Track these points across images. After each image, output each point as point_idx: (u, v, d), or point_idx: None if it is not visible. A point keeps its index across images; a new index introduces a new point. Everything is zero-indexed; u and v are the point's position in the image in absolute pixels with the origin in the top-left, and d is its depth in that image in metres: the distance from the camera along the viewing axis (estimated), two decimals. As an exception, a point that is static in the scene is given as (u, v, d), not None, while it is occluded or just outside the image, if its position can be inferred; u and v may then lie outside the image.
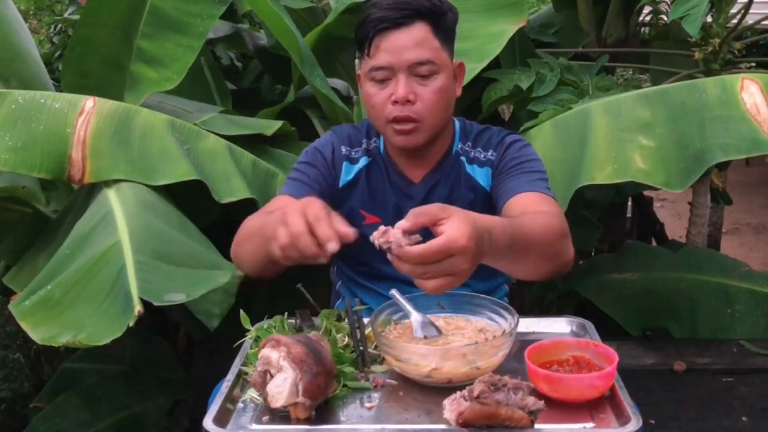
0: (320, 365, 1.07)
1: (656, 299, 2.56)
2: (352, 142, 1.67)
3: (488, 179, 1.62)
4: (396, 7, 1.48)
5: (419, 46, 1.48)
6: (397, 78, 1.49)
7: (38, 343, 1.49)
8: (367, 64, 1.52)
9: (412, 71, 1.49)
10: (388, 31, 1.48)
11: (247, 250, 1.46)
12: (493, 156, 1.62)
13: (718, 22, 2.54)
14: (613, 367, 1.10)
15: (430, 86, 1.50)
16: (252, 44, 3.26)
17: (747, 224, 5.83)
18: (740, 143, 1.90)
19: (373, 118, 1.58)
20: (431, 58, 1.49)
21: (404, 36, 1.48)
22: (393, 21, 1.47)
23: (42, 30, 4.67)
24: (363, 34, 1.51)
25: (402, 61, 1.48)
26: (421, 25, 1.49)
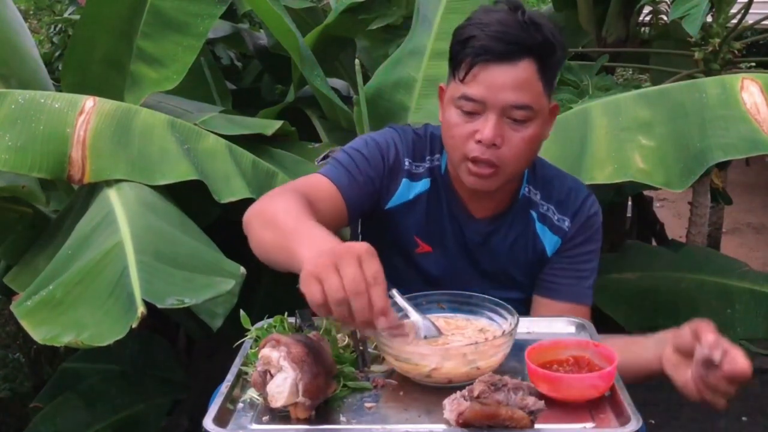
0: (320, 365, 1.07)
1: (656, 299, 2.55)
2: (415, 154, 1.50)
3: (554, 247, 1.51)
4: (504, 39, 1.30)
5: (520, 88, 1.32)
6: (487, 116, 1.33)
7: (38, 343, 1.50)
8: (458, 89, 1.36)
9: (506, 112, 1.33)
10: (490, 63, 1.31)
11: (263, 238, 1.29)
12: (567, 226, 1.50)
13: (718, 22, 2.54)
14: (613, 367, 1.10)
15: (522, 132, 1.35)
16: (252, 44, 3.26)
17: (747, 224, 5.82)
18: (740, 143, 1.91)
19: (450, 147, 1.42)
20: (530, 102, 1.33)
21: (507, 73, 1.31)
22: (498, 54, 1.30)
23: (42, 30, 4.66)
24: (460, 56, 1.34)
25: (498, 100, 1.32)
26: (527, 63, 1.32)
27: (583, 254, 1.51)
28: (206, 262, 1.73)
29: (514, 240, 1.51)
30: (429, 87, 2.37)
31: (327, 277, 1.02)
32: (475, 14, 1.37)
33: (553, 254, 1.51)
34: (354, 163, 1.46)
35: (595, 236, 1.52)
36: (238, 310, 1.35)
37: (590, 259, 1.52)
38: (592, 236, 1.52)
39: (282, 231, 1.22)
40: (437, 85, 1.52)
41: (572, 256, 1.50)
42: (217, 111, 2.47)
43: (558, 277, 1.50)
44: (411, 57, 2.44)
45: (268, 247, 1.28)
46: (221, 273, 1.68)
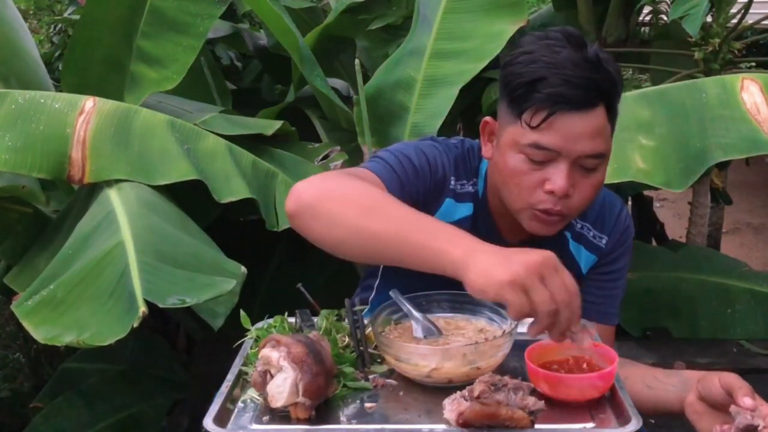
0: (320, 365, 1.07)
1: (656, 299, 2.56)
2: (459, 173, 1.41)
3: (589, 264, 1.45)
4: (582, 85, 1.21)
5: (597, 137, 1.23)
6: (559, 165, 1.24)
7: (38, 343, 1.50)
8: (527, 135, 1.24)
9: (579, 161, 1.25)
10: (567, 111, 1.21)
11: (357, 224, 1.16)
12: (604, 243, 1.44)
13: (718, 22, 2.54)
14: (613, 367, 1.10)
15: (592, 179, 1.27)
16: (252, 44, 3.26)
17: (747, 224, 5.82)
18: (740, 143, 1.91)
19: (513, 193, 1.30)
20: (604, 150, 1.26)
21: (585, 122, 1.22)
22: (577, 103, 1.21)
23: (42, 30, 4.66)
24: (530, 100, 1.23)
25: (575, 150, 1.23)
26: (601, 109, 1.23)
27: (614, 271, 1.47)
28: (207, 261, 1.73)
29: None
30: (429, 87, 2.37)
31: (535, 288, 1.02)
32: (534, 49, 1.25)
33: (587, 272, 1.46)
34: (403, 168, 1.35)
35: (628, 250, 1.48)
36: (239, 310, 1.35)
37: (620, 276, 1.48)
38: (625, 251, 1.48)
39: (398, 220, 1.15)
40: (437, 85, 1.49)
41: (604, 273, 1.46)
42: (217, 111, 2.47)
43: (588, 295, 1.43)
44: (411, 57, 2.44)
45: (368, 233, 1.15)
46: (222, 272, 1.68)
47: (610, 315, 1.47)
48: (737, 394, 1.11)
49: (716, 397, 1.15)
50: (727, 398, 1.13)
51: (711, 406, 1.17)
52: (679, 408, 1.23)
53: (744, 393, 1.10)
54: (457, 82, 2.31)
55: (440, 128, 2.31)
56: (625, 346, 2.48)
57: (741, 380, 1.14)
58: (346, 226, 1.17)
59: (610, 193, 1.50)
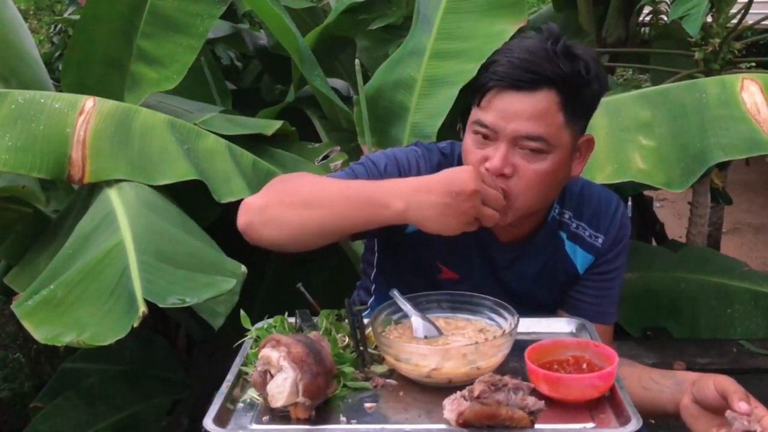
0: (320, 365, 1.07)
1: (656, 299, 2.56)
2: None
3: (586, 264, 1.46)
4: (524, 66, 1.24)
5: (535, 119, 1.25)
6: (498, 145, 1.28)
7: (38, 343, 1.50)
8: (475, 113, 1.31)
9: (518, 142, 1.27)
10: (506, 90, 1.26)
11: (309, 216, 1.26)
12: (600, 243, 1.44)
13: (718, 22, 2.54)
14: (613, 367, 1.10)
15: (535, 165, 1.28)
16: (252, 44, 3.26)
17: (747, 224, 5.82)
18: (740, 143, 1.91)
19: None
20: (544, 134, 1.26)
21: (522, 102, 1.25)
22: (513, 81, 1.25)
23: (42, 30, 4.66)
24: (480, 80, 1.30)
25: (509, 129, 1.26)
26: (547, 94, 1.25)
27: (611, 271, 1.47)
28: (207, 261, 1.73)
29: (543, 264, 1.46)
30: (429, 87, 2.37)
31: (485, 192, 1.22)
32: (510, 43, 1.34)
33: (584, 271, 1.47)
34: (368, 176, 1.38)
35: (624, 249, 1.48)
36: (239, 310, 1.35)
37: (617, 276, 1.48)
38: (622, 250, 1.47)
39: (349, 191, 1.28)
40: (437, 85, 1.50)
41: (601, 273, 1.46)
42: (217, 111, 2.47)
43: (585, 295, 1.46)
44: (411, 57, 2.44)
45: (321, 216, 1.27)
46: (222, 272, 1.68)
47: (608, 315, 1.47)
48: (732, 398, 1.11)
49: (711, 400, 1.15)
50: (721, 401, 1.13)
51: (706, 409, 1.17)
52: (674, 409, 1.23)
53: (739, 397, 1.10)
54: (457, 82, 2.31)
55: (440, 128, 2.31)
56: (625, 346, 2.48)
57: (735, 384, 1.14)
58: (291, 224, 1.28)
59: (606, 191, 1.50)
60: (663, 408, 1.27)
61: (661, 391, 1.27)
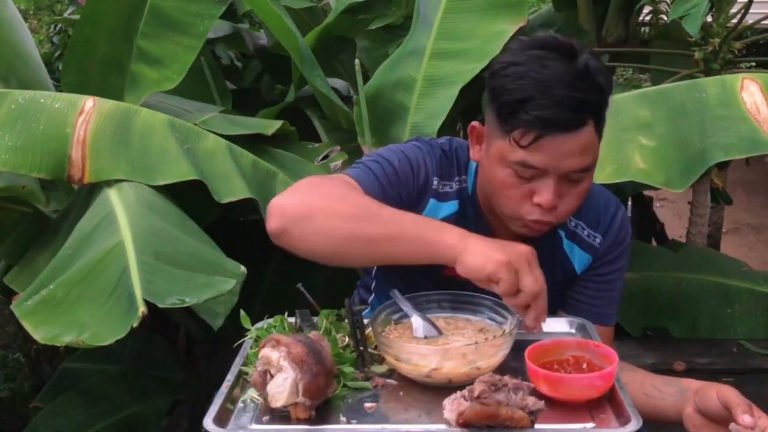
0: (320, 365, 1.07)
1: (656, 299, 2.56)
2: (443, 173, 1.42)
3: (584, 265, 1.46)
4: (571, 106, 1.20)
5: (584, 153, 1.24)
6: (546, 180, 1.25)
7: (38, 343, 1.49)
8: (516, 153, 1.24)
9: (567, 176, 1.26)
10: (558, 134, 1.21)
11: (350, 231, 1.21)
12: (599, 243, 1.44)
13: (718, 22, 2.54)
14: (613, 367, 1.10)
15: (578, 188, 1.29)
16: (252, 44, 3.26)
17: (747, 224, 5.82)
18: (740, 143, 1.91)
19: (501, 204, 1.32)
20: (592, 164, 1.27)
21: (573, 142, 1.22)
22: (565, 125, 1.21)
23: (42, 30, 4.66)
24: (519, 120, 1.21)
25: (563, 167, 1.24)
26: (590, 126, 1.24)
27: (612, 272, 1.47)
28: (207, 261, 1.73)
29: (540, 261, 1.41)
30: (429, 87, 2.37)
31: (525, 271, 1.16)
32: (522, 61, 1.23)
33: (582, 272, 1.47)
34: (385, 173, 1.36)
35: (625, 252, 1.48)
36: (239, 310, 1.35)
37: (618, 278, 1.48)
38: (622, 253, 1.47)
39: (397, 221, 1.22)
40: (437, 85, 1.49)
41: (601, 275, 1.46)
42: (217, 111, 2.47)
43: (585, 296, 1.47)
44: (411, 57, 2.44)
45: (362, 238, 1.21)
46: (222, 272, 1.68)
47: (609, 316, 1.47)
48: (736, 411, 1.10)
49: (713, 410, 1.15)
50: (724, 412, 1.13)
51: (709, 419, 1.17)
52: (677, 418, 1.23)
53: (743, 410, 1.10)
54: (457, 82, 2.31)
55: (440, 128, 2.31)
56: (625, 346, 2.48)
57: (738, 395, 1.13)
58: (338, 236, 1.22)
59: (608, 193, 1.50)
60: (666, 416, 1.26)
61: (663, 399, 1.26)
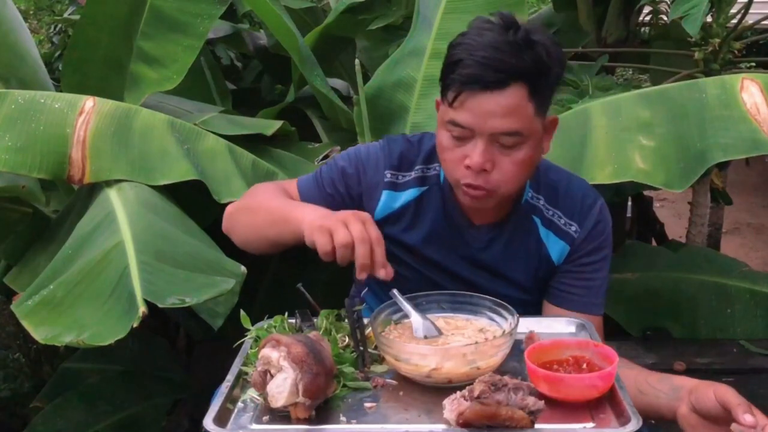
0: (320, 365, 1.07)
1: (656, 299, 2.55)
2: (401, 164, 1.50)
3: (562, 255, 1.48)
4: (493, 66, 1.26)
5: (509, 115, 1.28)
6: (476, 142, 1.31)
7: (38, 343, 1.49)
8: (447, 112, 1.33)
9: (495, 139, 1.30)
10: (477, 91, 1.27)
11: (252, 221, 1.47)
12: (575, 231, 1.47)
13: (718, 22, 2.54)
14: (613, 367, 1.10)
15: (512, 157, 1.32)
16: (252, 44, 3.26)
17: (747, 224, 5.82)
18: (740, 143, 1.90)
19: (445, 169, 1.42)
20: (519, 129, 1.30)
21: (494, 101, 1.27)
22: (485, 83, 1.26)
23: (42, 30, 4.67)
24: (449, 79, 1.31)
25: (485, 128, 1.29)
26: (517, 88, 1.27)
27: (593, 263, 1.49)
28: (207, 261, 1.73)
29: (517, 246, 1.49)
30: (429, 87, 2.37)
31: (336, 229, 1.22)
32: (468, 32, 1.32)
33: (562, 262, 1.49)
34: (330, 176, 1.53)
35: (605, 243, 1.49)
36: (239, 310, 1.35)
37: (601, 268, 1.49)
38: (602, 243, 1.49)
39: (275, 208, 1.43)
40: (437, 85, 1.51)
41: (583, 265, 1.48)
42: (217, 111, 2.47)
43: (569, 287, 1.48)
44: (411, 57, 2.44)
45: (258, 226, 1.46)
46: (222, 272, 1.68)
47: (595, 305, 1.49)
48: (737, 411, 1.09)
49: (711, 410, 1.14)
50: (722, 411, 1.12)
51: (705, 419, 1.16)
52: (670, 416, 1.23)
53: (743, 410, 1.09)
54: (457, 82, 2.31)
55: (440, 128, 2.31)
56: (625, 346, 2.48)
57: (737, 395, 1.12)
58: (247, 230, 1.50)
59: (587, 187, 1.54)
60: (659, 413, 1.26)
61: (657, 397, 1.26)
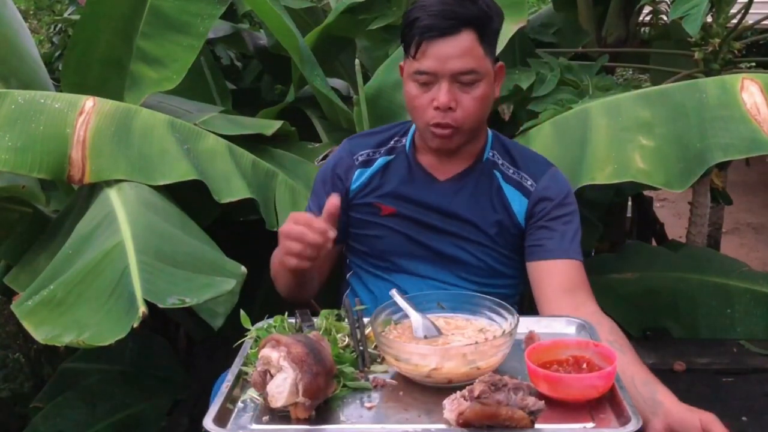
0: (320, 365, 1.07)
1: (656, 299, 2.55)
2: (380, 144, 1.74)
3: (522, 209, 1.65)
4: (443, 15, 1.49)
5: (464, 56, 1.51)
6: (440, 85, 1.53)
7: (38, 343, 1.49)
8: (412, 65, 1.55)
9: (455, 79, 1.52)
10: (434, 39, 1.50)
11: (279, 284, 1.68)
12: (531, 185, 1.65)
13: (718, 22, 2.53)
14: (613, 367, 1.10)
15: (472, 94, 1.54)
16: (252, 44, 3.26)
17: (747, 224, 5.82)
18: (740, 143, 1.90)
19: (414, 117, 1.62)
20: (475, 67, 1.52)
21: (450, 45, 1.50)
22: (440, 30, 1.49)
23: (42, 30, 4.67)
24: (410, 37, 1.54)
25: (446, 69, 1.51)
26: (467, 33, 1.51)
27: (562, 216, 1.63)
28: (207, 261, 1.73)
29: (479, 195, 1.66)
30: (429, 87, 2.36)
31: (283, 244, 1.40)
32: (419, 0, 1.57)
33: (529, 219, 1.64)
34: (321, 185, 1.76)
35: (568, 200, 1.66)
36: (239, 310, 1.35)
37: (570, 221, 1.64)
38: (565, 200, 1.66)
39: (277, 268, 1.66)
40: None
41: (551, 219, 1.63)
42: (217, 111, 2.47)
43: (542, 239, 1.62)
44: (411, 57, 2.44)
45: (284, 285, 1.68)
46: (222, 272, 1.68)
47: (571, 251, 1.61)
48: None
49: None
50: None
51: None
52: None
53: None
54: (457, 82, 2.31)
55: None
56: (625, 346, 2.47)
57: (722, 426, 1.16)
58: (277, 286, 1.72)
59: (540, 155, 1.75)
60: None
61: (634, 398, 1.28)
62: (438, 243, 1.66)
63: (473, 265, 1.66)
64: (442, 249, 1.66)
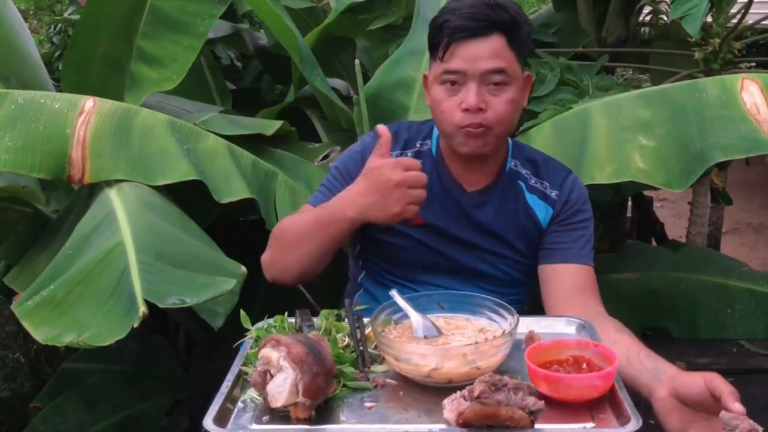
0: (320, 365, 1.07)
1: (656, 299, 2.55)
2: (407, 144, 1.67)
3: (547, 219, 1.63)
4: (475, 17, 1.48)
5: (494, 57, 1.48)
6: (469, 86, 1.49)
7: (38, 343, 1.49)
8: (439, 67, 1.52)
9: (485, 80, 1.49)
10: (464, 39, 1.48)
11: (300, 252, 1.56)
12: (556, 195, 1.64)
13: (718, 22, 2.53)
14: (613, 367, 1.10)
15: (502, 96, 1.51)
16: (252, 44, 3.26)
17: (747, 224, 5.82)
18: (740, 143, 1.90)
19: (442, 122, 1.56)
20: (505, 67, 1.49)
21: (481, 46, 1.48)
22: (471, 31, 1.48)
23: (42, 30, 4.67)
24: (438, 39, 1.51)
25: (476, 68, 1.48)
26: (497, 37, 1.49)
27: (576, 222, 1.64)
28: (207, 261, 1.73)
29: (507, 208, 1.64)
30: (429, 87, 2.37)
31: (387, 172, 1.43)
32: (447, 5, 1.56)
33: (548, 224, 1.63)
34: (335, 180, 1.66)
35: (585, 206, 1.66)
36: (239, 310, 1.35)
37: (585, 227, 1.65)
38: (583, 206, 1.66)
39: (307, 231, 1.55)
40: None
41: (568, 224, 1.63)
42: (217, 111, 2.47)
43: (560, 243, 1.62)
44: (411, 57, 2.44)
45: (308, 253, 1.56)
46: (222, 272, 1.68)
47: (585, 256, 1.62)
48: (728, 398, 1.09)
49: (697, 396, 1.14)
50: (709, 399, 1.12)
51: (686, 404, 1.16)
52: (647, 394, 1.24)
53: (736, 398, 1.09)
54: (457, 82, 2.31)
55: (440, 128, 2.31)
56: (625, 346, 2.47)
57: (727, 383, 1.12)
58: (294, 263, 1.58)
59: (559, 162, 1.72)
60: (637, 389, 1.27)
61: (640, 372, 1.28)
62: (463, 257, 1.62)
63: (496, 277, 1.64)
64: (466, 263, 1.62)
